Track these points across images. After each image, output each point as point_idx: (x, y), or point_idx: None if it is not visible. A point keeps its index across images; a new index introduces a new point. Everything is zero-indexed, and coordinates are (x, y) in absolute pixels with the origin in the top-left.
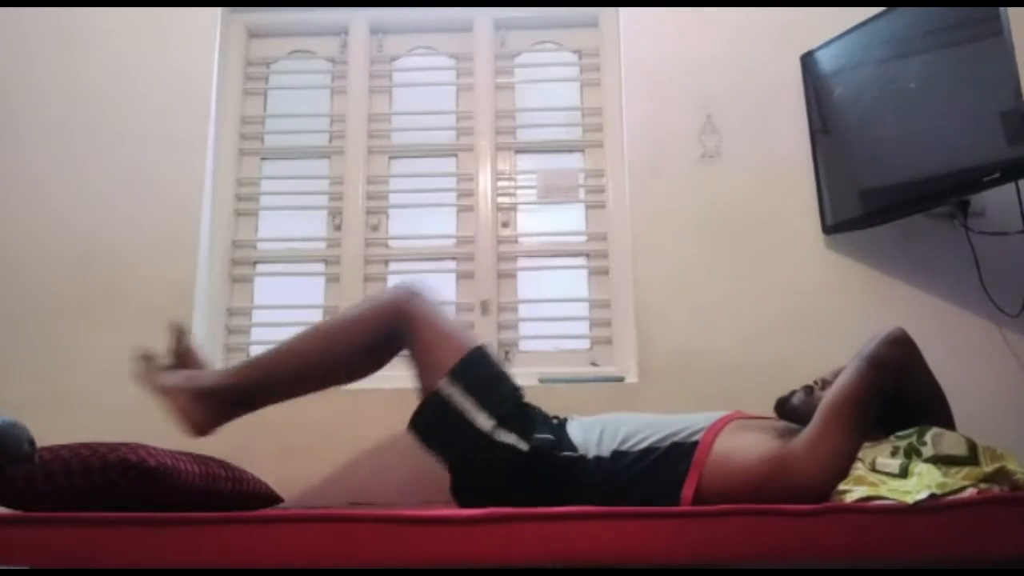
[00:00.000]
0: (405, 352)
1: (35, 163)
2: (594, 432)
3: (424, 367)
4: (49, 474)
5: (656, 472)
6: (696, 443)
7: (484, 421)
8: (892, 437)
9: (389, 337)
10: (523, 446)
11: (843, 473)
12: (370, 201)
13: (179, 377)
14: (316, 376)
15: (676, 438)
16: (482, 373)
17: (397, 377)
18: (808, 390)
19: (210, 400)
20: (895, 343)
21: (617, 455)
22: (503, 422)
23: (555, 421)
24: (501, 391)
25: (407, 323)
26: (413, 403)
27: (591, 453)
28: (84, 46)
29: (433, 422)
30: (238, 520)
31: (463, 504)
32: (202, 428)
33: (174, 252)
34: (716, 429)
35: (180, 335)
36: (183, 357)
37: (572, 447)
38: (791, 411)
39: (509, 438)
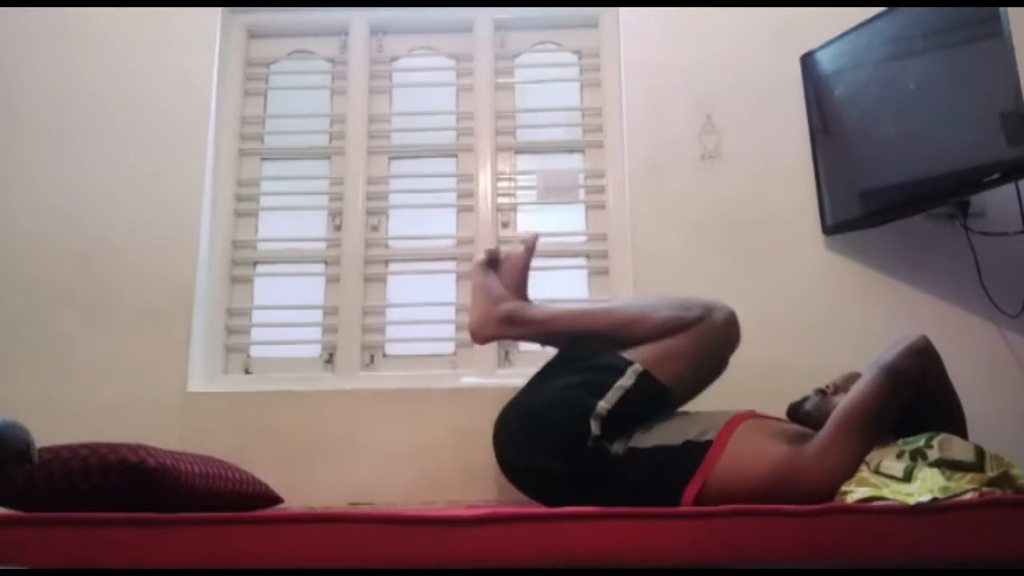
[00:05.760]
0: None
1: (35, 163)
2: None
3: (649, 342)
4: (49, 474)
5: (664, 470)
6: (710, 443)
7: (601, 405)
8: (900, 441)
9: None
10: (588, 442)
11: (849, 478)
12: (370, 201)
13: (501, 291)
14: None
15: (689, 436)
16: (650, 396)
17: (396, 377)
18: (820, 394)
19: (511, 325)
20: (917, 354)
21: (631, 452)
22: (604, 419)
23: None
24: (633, 414)
25: (689, 329)
26: (411, 405)
27: (612, 449)
28: (84, 46)
29: (590, 365)
30: (238, 520)
31: (514, 450)
32: (483, 340)
33: (174, 252)
34: (730, 429)
35: (530, 249)
36: (515, 268)
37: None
38: (804, 416)
39: (594, 428)
